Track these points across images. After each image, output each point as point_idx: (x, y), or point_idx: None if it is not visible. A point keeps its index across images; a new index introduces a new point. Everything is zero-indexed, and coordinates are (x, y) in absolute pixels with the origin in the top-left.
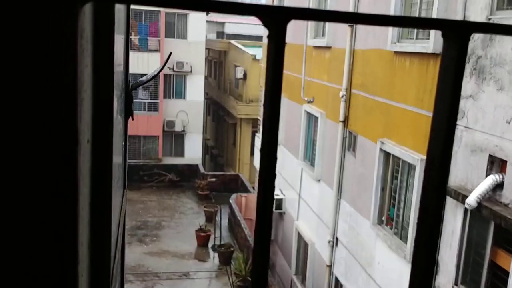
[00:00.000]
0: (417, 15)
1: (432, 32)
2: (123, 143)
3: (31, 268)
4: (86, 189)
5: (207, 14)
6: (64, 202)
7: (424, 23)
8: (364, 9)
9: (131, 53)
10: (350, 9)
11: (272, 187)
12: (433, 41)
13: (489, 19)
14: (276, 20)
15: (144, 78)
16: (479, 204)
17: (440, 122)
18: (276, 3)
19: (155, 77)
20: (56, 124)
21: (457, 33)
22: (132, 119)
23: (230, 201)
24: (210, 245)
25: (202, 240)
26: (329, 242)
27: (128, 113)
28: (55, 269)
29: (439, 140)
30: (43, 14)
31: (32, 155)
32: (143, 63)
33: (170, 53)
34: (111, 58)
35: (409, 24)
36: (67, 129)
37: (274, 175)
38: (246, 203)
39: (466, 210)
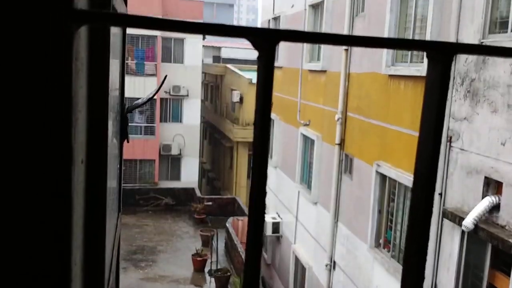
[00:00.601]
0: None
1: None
2: (118, 166)
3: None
4: (80, 209)
5: (203, 39)
6: (57, 220)
7: (409, 44)
8: (358, 33)
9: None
10: (345, 33)
11: (263, 205)
12: (427, 64)
13: (482, 42)
14: (265, 42)
15: (139, 100)
16: (476, 226)
17: (426, 141)
18: (271, 27)
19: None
20: (50, 143)
21: (441, 54)
22: (127, 142)
23: (227, 224)
24: (206, 269)
25: (199, 264)
26: (326, 265)
27: (123, 135)
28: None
29: (425, 159)
30: (39, 36)
31: (27, 172)
32: (140, 87)
33: (165, 76)
34: (106, 80)
35: (395, 46)
36: (61, 148)
37: (265, 193)
38: (243, 226)
39: (463, 232)
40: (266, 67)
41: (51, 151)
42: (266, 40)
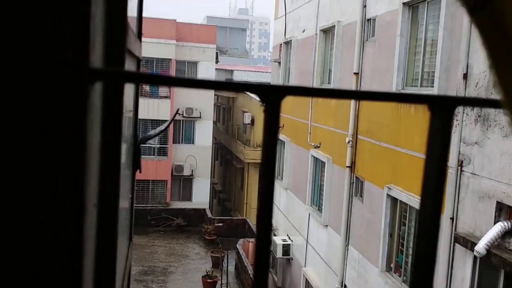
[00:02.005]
0: (420, 64)
1: (436, 79)
2: (130, 196)
3: None
4: (90, 250)
5: (216, 62)
6: (68, 268)
7: (411, 98)
8: (369, 57)
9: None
10: (355, 59)
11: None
12: (437, 88)
13: None
14: (271, 97)
15: (152, 132)
16: (488, 251)
17: (429, 187)
18: (283, 50)
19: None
20: (64, 194)
21: (442, 107)
22: (140, 172)
23: (237, 246)
24: None
25: (209, 286)
26: None
27: (136, 166)
28: None
29: (428, 207)
30: (54, 95)
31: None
32: (154, 110)
33: (177, 109)
34: (119, 126)
35: (396, 99)
36: (74, 198)
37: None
38: (253, 248)
39: (475, 257)
40: (272, 120)
41: (65, 201)
42: (272, 95)
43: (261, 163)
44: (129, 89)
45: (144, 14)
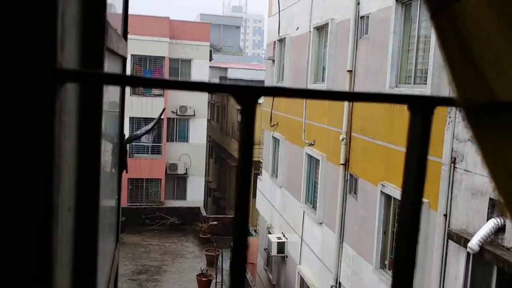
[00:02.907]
0: (413, 62)
1: (430, 76)
2: (117, 197)
3: None
4: (66, 255)
5: (210, 60)
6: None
7: (391, 98)
8: (362, 55)
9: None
10: (349, 56)
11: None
12: (431, 86)
13: None
14: (247, 98)
15: (138, 132)
16: (481, 248)
17: (408, 186)
18: (277, 48)
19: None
20: (30, 197)
21: (422, 107)
22: (126, 172)
23: (232, 244)
24: None
25: (203, 285)
26: (331, 286)
27: (122, 166)
28: None
29: (408, 204)
30: (21, 95)
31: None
32: (147, 108)
33: (164, 108)
34: (98, 129)
35: (377, 99)
36: (41, 202)
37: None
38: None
39: (468, 254)
40: (247, 120)
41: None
42: (248, 95)
43: (237, 164)
44: (114, 89)
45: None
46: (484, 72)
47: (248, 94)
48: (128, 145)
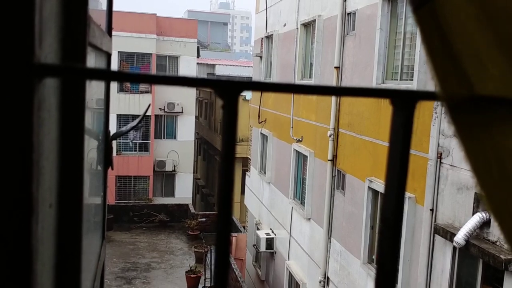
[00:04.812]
0: (400, 58)
1: (416, 72)
2: (103, 194)
3: None
4: (48, 253)
5: (197, 56)
6: (18, 273)
7: (374, 93)
8: (349, 51)
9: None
10: (336, 53)
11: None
12: (417, 81)
13: None
14: (229, 92)
15: (123, 128)
16: (467, 242)
17: (391, 181)
18: (265, 45)
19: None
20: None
21: (404, 101)
22: (112, 169)
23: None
24: (200, 286)
25: (192, 282)
26: (320, 282)
27: (107, 163)
28: None
29: (391, 196)
30: None
31: None
32: (135, 105)
33: (149, 105)
34: (80, 125)
35: (360, 94)
36: (20, 198)
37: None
38: (237, 243)
39: (454, 248)
40: (230, 115)
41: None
42: (230, 90)
43: (220, 159)
44: (98, 85)
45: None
46: (463, 66)
47: (229, 88)
48: (115, 142)
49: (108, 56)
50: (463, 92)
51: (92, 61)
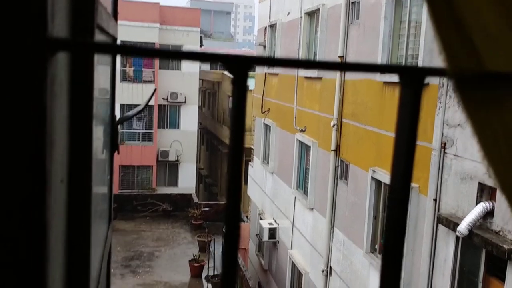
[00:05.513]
0: (404, 47)
1: (420, 61)
2: (109, 177)
3: None
4: (59, 227)
5: (200, 46)
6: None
7: (382, 69)
8: (353, 40)
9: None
10: (340, 41)
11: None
12: None
13: None
14: (239, 67)
15: (130, 112)
16: (471, 231)
17: (399, 158)
18: (268, 34)
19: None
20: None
21: (413, 78)
22: (118, 153)
23: (224, 230)
24: (203, 275)
25: (196, 270)
26: (322, 271)
27: (113, 147)
28: None
29: (398, 182)
30: (12, 64)
31: None
32: (138, 94)
33: (155, 89)
34: (89, 100)
35: (368, 69)
36: (34, 170)
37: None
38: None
39: (458, 238)
40: (239, 90)
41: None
42: (240, 65)
43: (230, 136)
44: (105, 68)
45: None
46: (472, 41)
47: (240, 63)
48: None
49: (114, 40)
50: (472, 67)
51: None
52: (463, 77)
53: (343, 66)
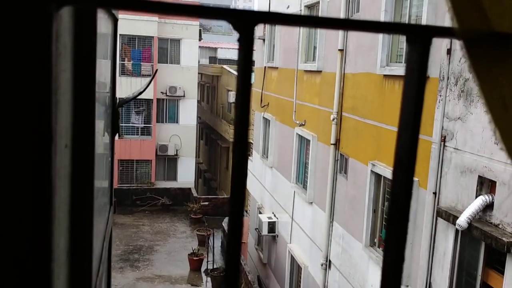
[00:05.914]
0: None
1: None
2: (110, 159)
3: None
4: (64, 191)
5: (199, 39)
6: (37, 202)
7: (387, 27)
8: (353, 34)
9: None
10: (340, 35)
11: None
12: None
13: None
14: (245, 23)
15: (130, 95)
16: (470, 225)
17: (406, 122)
18: (267, 27)
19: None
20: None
21: (420, 37)
22: (119, 136)
23: (223, 224)
24: (203, 269)
25: (195, 264)
26: (322, 265)
27: (115, 129)
28: (27, 271)
29: (405, 141)
30: (16, 17)
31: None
32: (137, 88)
33: (156, 70)
34: (92, 64)
35: (372, 28)
36: (41, 128)
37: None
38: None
39: (457, 231)
40: (245, 47)
41: (30, 132)
42: (245, 21)
43: (236, 95)
44: (105, 65)
45: None
46: (481, 1)
47: (246, 19)
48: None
49: (115, 21)
50: (480, 27)
51: (101, 23)
52: (471, 37)
53: (350, 23)
